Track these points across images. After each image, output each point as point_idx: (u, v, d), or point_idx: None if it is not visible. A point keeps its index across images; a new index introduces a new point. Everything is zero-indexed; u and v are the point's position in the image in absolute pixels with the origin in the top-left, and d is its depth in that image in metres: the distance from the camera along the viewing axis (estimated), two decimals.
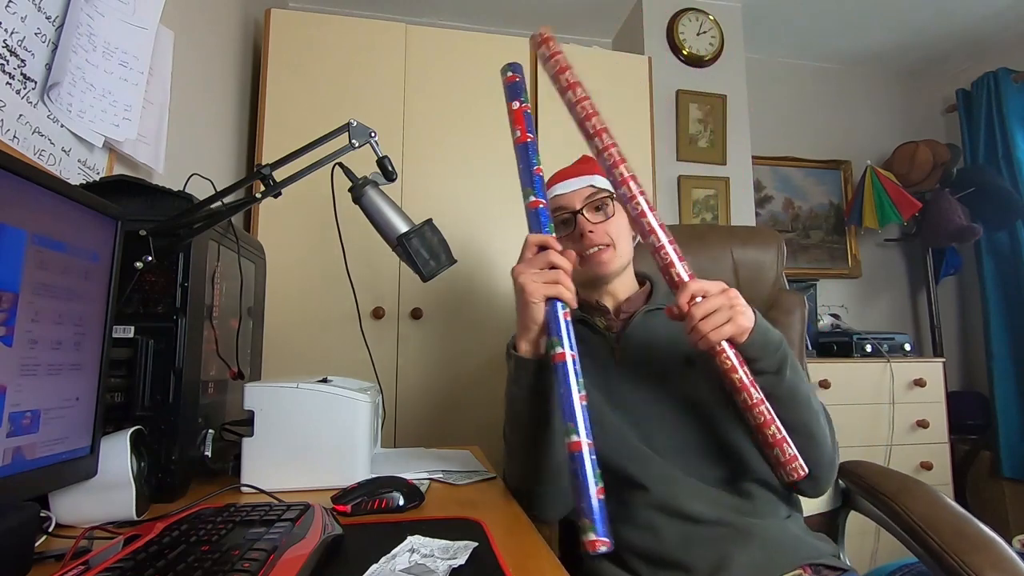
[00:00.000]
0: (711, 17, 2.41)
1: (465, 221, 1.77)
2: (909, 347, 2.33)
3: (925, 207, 2.62)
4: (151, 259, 0.75)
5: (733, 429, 0.85)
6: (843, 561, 0.84)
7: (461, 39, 1.89)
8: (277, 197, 0.81)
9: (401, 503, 0.72)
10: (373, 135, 0.84)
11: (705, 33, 2.41)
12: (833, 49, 2.90)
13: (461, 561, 0.52)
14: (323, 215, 0.99)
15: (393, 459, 1.04)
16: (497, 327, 1.76)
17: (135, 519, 0.65)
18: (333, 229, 0.89)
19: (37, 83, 0.83)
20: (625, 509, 0.85)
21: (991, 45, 2.77)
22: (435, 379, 1.73)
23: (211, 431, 0.84)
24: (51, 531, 0.61)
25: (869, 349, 2.27)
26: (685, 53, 2.38)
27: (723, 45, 2.42)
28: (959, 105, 2.82)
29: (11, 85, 0.78)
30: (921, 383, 2.20)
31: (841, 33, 2.75)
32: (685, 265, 0.76)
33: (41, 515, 0.59)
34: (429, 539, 0.57)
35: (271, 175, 0.79)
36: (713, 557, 0.77)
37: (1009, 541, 0.78)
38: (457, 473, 0.94)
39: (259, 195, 0.81)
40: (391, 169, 0.86)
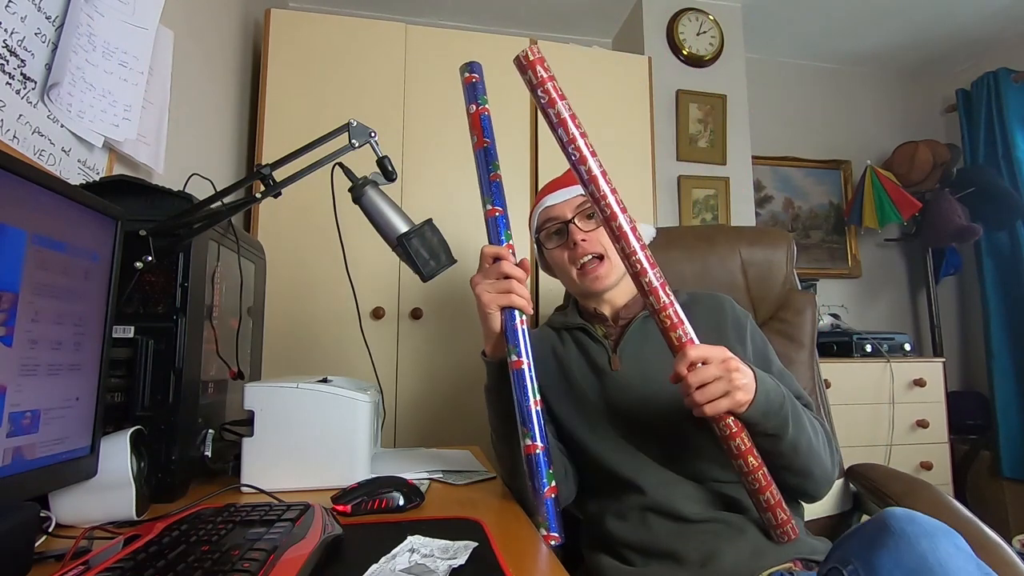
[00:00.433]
0: (711, 17, 2.41)
1: (465, 221, 1.77)
2: (909, 347, 2.32)
3: (925, 207, 2.62)
4: (151, 259, 0.75)
5: None
6: None
7: (461, 39, 1.89)
8: (277, 197, 0.81)
9: (401, 503, 0.72)
10: (373, 135, 0.84)
11: (705, 33, 2.41)
12: (833, 49, 2.90)
13: (461, 561, 0.52)
14: (323, 215, 0.99)
15: (393, 459, 1.04)
16: None
17: (135, 519, 0.65)
18: (333, 229, 0.89)
19: (37, 83, 0.83)
20: (621, 507, 0.86)
21: (991, 45, 2.77)
22: (435, 379, 1.73)
23: (211, 431, 0.84)
24: (51, 531, 0.61)
25: (869, 349, 2.26)
26: (685, 53, 2.38)
27: (723, 45, 2.42)
28: (959, 105, 2.82)
29: (11, 85, 0.78)
30: (921, 383, 2.20)
31: (841, 33, 2.75)
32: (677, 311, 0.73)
33: (41, 515, 0.59)
34: (429, 539, 0.57)
35: (271, 175, 0.79)
36: (704, 549, 0.78)
37: (1009, 541, 0.78)
38: (457, 473, 0.94)
39: (259, 195, 0.80)
40: (391, 169, 0.86)
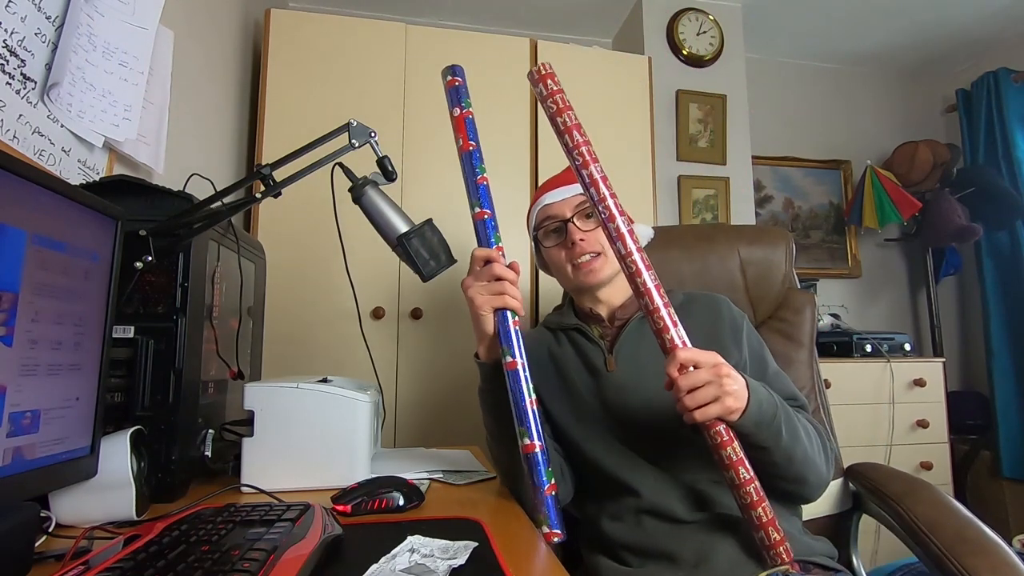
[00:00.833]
0: (711, 17, 2.41)
1: (465, 221, 1.76)
2: (909, 347, 2.32)
3: (925, 207, 2.62)
4: (151, 259, 0.75)
5: None
6: (838, 563, 0.84)
7: (461, 39, 1.89)
8: (277, 197, 0.81)
9: (401, 503, 0.72)
10: (373, 135, 0.84)
11: (705, 33, 2.41)
12: (833, 49, 2.89)
13: (461, 561, 0.52)
14: (323, 215, 0.99)
15: (393, 459, 1.04)
16: None
17: (135, 519, 0.65)
18: (333, 229, 0.89)
19: (37, 83, 0.83)
20: (616, 508, 0.86)
21: (991, 45, 2.77)
22: (435, 379, 1.73)
23: (211, 431, 0.84)
24: (51, 531, 0.61)
25: (869, 349, 2.26)
26: (685, 53, 2.38)
27: (723, 45, 2.41)
28: (959, 105, 2.82)
29: (11, 85, 0.78)
30: (921, 383, 2.20)
31: (841, 33, 2.75)
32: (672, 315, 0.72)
33: (41, 515, 0.59)
34: (429, 539, 0.57)
35: (271, 175, 0.79)
36: (698, 548, 0.78)
37: (1009, 541, 0.78)
38: (457, 473, 0.94)
39: (259, 195, 0.81)
40: (391, 169, 0.86)
